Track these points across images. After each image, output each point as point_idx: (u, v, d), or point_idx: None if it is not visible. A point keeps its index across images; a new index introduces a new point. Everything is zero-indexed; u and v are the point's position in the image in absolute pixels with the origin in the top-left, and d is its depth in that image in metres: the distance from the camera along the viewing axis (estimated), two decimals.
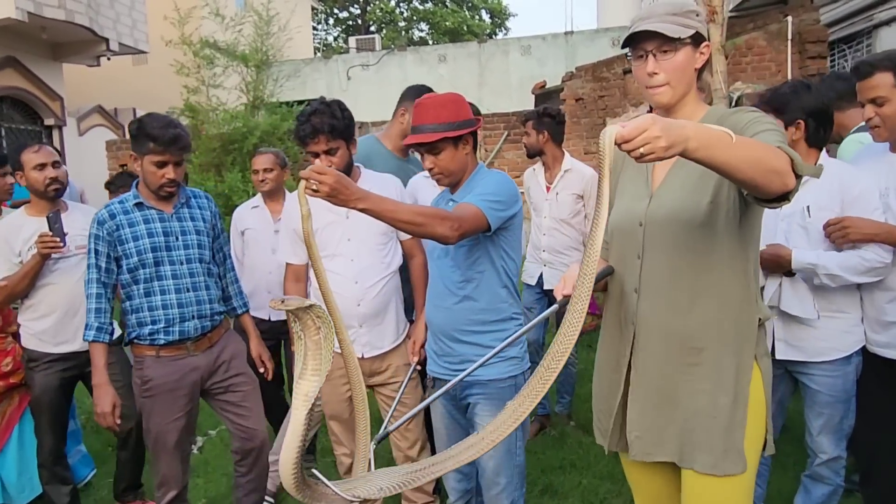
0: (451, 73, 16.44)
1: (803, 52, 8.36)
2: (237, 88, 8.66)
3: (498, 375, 2.19)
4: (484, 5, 30.17)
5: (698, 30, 1.63)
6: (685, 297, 1.63)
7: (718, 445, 1.61)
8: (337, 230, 2.53)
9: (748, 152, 1.31)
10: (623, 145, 1.23)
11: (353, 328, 2.52)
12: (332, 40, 29.71)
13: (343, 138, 2.45)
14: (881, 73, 2.17)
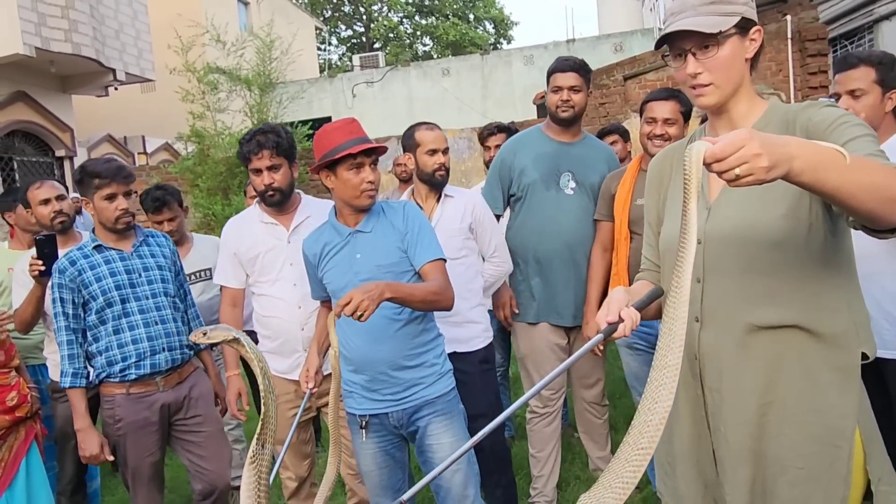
0: (454, 87, 16.55)
1: (804, 51, 8.34)
2: (241, 112, 8.79)
3: (444, 390, 2.20)
4: (486, 16, 30.36)
5: (744, 14, 1.38)
6: (763, 330, 1.39)
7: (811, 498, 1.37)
8: (280, 255, 2.56)
9: (865, 176, 1.09)
10: (714, 165, 1.04)
11: (297, 352, 2.56)
12: (338, 59, 30.01)
13: (286, 157, 2.51)
14: (865, 67, 2.20)
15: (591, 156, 2.90)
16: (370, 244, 2.18)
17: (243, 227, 2.65)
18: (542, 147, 2.90)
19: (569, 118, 2.83)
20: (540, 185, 2.86)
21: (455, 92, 16.29)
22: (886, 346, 2.23)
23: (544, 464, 2.96)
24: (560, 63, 2.86)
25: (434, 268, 2.14)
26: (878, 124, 2.22)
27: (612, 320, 1.35)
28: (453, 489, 2.18)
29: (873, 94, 2.19)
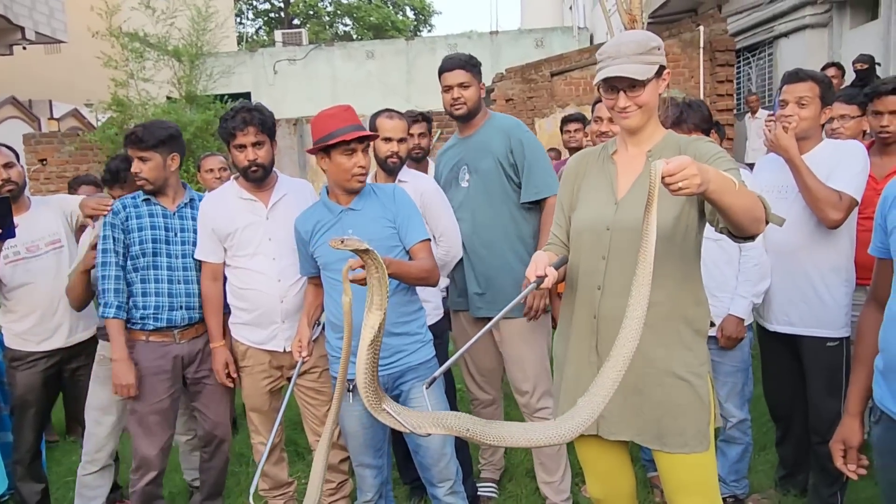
0: (379, 70, 16.56)
1: (713, 60, 9.02)
2: (168, 83, 8.52)
3: (426, 357, 2.41)
4: (408, 2, 30.32)
5: (661, 63, 1.82)
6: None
7: (687, 429, 1.81)
8: (258, 230, 2.66)
9: (744, 200, 1.53)
10: (667, 178, 1.41)
11: (275, 324, 2.67)
12: (254, 32, 29.11)
13: (269, 135, 2.64)
14: (811, 83, 2.59)
15: (485, 140, 2.85)
16: (361, 221, 2.34)
17: (220, 203, 2.72)
18: (453, 147, 3.00)
19: (463, 115, 2.84)
20: (446, 185, 2.95)
21: (379, 76, 16.33)
22: (805, 324, 2.62)
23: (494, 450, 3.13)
24: (445, 62, 2.86)
25: (423, 247, 2.36)
26: (813, 133, 2.61)
27: (541, 274, 1.74)
28: (432, 448, 2.38)
29: (814, 106, 2.58)
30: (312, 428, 2.81)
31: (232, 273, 2.72)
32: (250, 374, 2.75)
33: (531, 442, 1.51)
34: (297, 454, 3.61)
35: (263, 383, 2.74)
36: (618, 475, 2.03)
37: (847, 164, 2.53)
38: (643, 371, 1.82)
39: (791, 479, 2.96)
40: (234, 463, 3.29)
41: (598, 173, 1.96)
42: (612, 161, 1.94)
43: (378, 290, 1.57)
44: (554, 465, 2.91)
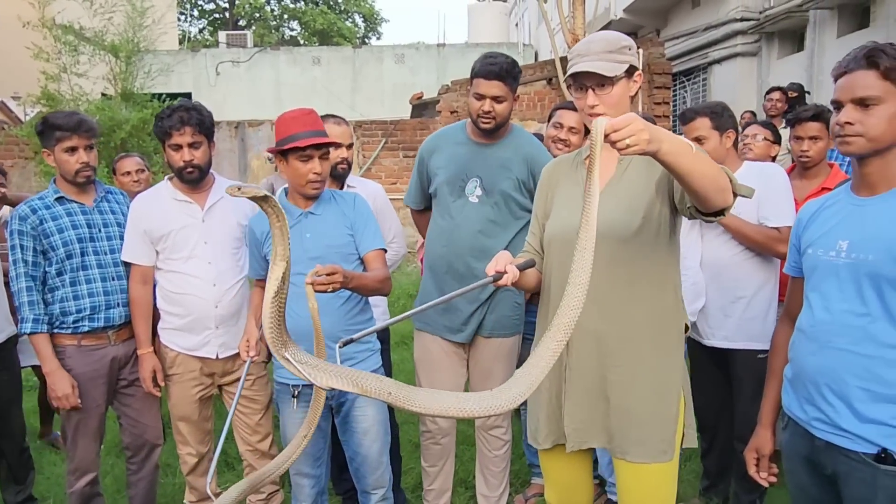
0: (325, 76, 16.44)
1: (651, 83, 9.32)
2: (104, 78, 8.23)
3: (374, 366, 2.42)
4: (357, 9, 30.25)
5: (631, 63, 1.78)
6: (618, 305, 1.77)
7: (652, 438, 1.78)
8: (193, 233, 2.59)
9: (705, 167, 1.45)
10: (612, 134, 1.33)
11: (209, 329, 2.61)
12: (198, 32, 28.47)
13: (206, 135, 2.58)
14: (701, 118, 2.71)
15: (506, 157, 2.59)
16: (320, 226, 2.34)
17: (153, 203, 2.64)
18: (458, 147, 2.67)
19: (489, 130, 2.57)
20: (446, 188, 2.66)
21: (325, 82, 16.21)
22: (738, 338, 2.73)
23: (434, 479, 2.89)
24: (485, 67, 2.50)
25: (378, 256, 2.35)
26: (723, 160, 2.70)
27: (500, 270, 1.68)
28: (370, 456, 2.40)
29: (713, 139, 2.70)
30: (244, 437, 2.74)
31: (164, 276, 2.64)
32: (179, 382, 2.67)
33: (463, 411, 1.37)
34: (227, 464, 3.52)
35: (193, 391, 2.66)
36: (577, 487, 2.03)
37: (775, 195, 2.65)
38: (612, 378, 1.81)
39: (714, 488, 3.06)
40: (160, 474, 3.16)
41: (570, 180, 1.95)
42: (584, 167, 1.92)
43: (281, 241, 1.50)
44: (497, 480, 2.86)
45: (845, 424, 1.55)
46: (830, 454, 1.60)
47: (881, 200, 1.56)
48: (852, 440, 1.55)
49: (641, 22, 13.14)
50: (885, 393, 1.50)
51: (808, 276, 1.71)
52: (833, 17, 8.53)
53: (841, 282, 1.59)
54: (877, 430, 1.51)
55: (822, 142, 2.96)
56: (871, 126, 1.52)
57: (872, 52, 1.52)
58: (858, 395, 1.53)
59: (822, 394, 1.60)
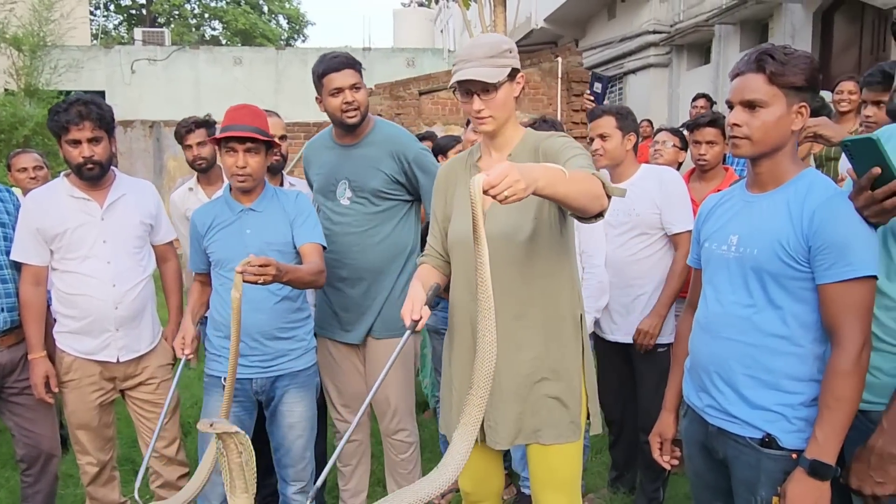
0: (246, 77, 16.07)
1: (570, 89, 9.61)
2: (6, 73, 7.78)
3: (307, 365, 2.44)
4: (281, 11, 29.74)
5: (513, 66, 1.82)
6: (518, 304, 1.84)
7: (563, 420, 1.88)
8: (91, 232, 2.50)
9: (579, 185, 1.53)
10: (490, 191, 1.38)
11: (108, 332, 2.51)
12: (113, 28, 27.29)
13: (107, 130, 2.50)
14: (608, 117, 2.84)
15: (372, 155, 2.56)
16: (260, 222, 2.34)
17: (47, 200, 2.53)
18: (327, 153, 2.67)
19: (357, 122, 2.51)
20: (320, 195, 2.68)
21: (246, 83, 15.84)
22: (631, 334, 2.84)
23: (349, 478, 2.87)
24: (331, 62, 2.48)
25: (315, 249, 2.35)
26: (622, 160, 2.85)
27: (416, 318, 1.74)
28: (293, 450, 2.41)
29: (616, 137, 2.83)
30: (148, 442, 2.65)
31: (59, 277, 2.52)
32: (77, 388, 2.55)
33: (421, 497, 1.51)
34: (135, 472, 3.37)
35: (92, 397, 2.55)
36: (489, 476, 2.09)
37: (674, 203, 2.79)
38: (522, 373, 1.87)
39: (621, 478, 3.18)
40: (60, 485, 3.02)
41: (465, 182, 1.96)
42: (476, 168, 1.95)
43: (239, 473, 1.53)
44: (406, 482, 2.81)
45: (734, 411, 1.63)
46: (721, 439, 1.67)
47: (768, 197, 1.63)
48: (740, 426, 1.62)
49: (561, 31, 13.53)
50: (768, 380, 1.58)
51: (704, 268, 1.79)
52: (736, 31, 9.04)
53: (731, 275, 1.66)
54: (762, 415, 1.59)
55: (718, 146, 3.14)
56: (755, 129, 1.57)
57: (761, 56, 1.56)
58: (745, 383, 1.61)
59: (713, 382, 1.68)
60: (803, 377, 1.57)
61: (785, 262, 1.55)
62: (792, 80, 1.54)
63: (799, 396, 1.57)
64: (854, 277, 1.47)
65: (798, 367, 1.57)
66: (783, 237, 1.55)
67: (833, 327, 1.52)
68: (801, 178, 1.60)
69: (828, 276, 1.50)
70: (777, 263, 1.56)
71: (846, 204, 1.51)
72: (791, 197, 1.58)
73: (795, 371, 1.57)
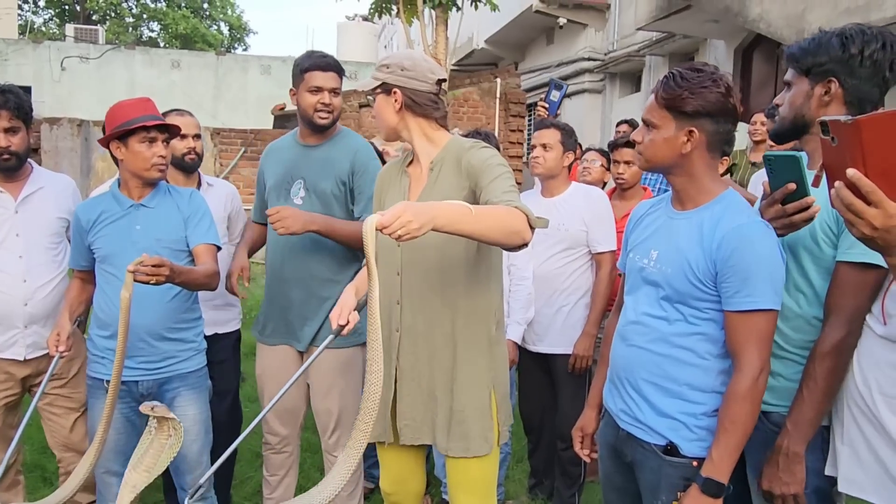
0: (184, 81, 15.76)
1: (508, 110, 9.83)
2: None
3: (197, 367, 2.40)
4: (223, 18, 29.27)
5: (385, 80, 1.90)
6: (435, 310, 1.89)
7: (472, 433, 1.89)
8: (4, 224, 2.44)
9: (489, 221, 1.56)
10: (384, 230, 1.43)
11: (16, 329, 2.44)
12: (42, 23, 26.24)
13: (24, 121, 2.44)
14: (554, 130, 2.97)
15: (331, 157, 2.52)
16: (152, 218, 2.30)
17: None
18: (286, 152, 2.63)
19: (327, 125, 2.49)
20: (273, 193, 2.59)
21: (184, 87, 15.53)
22: (559, 344, 2.94)
23: (274, 488, 2.78)
24: (319, 60, 2.47)
25: (208, 250, 2.32)
26: (557, 174, 2.97)
27: (343, 323, 1.79)
28: (189, 456, 2.34)
29: (557, 150, 2.96)
30: (61, 442, 2.58)
31: None
32: None
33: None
34: (44, 479, 3.25)
35: None
36: (410, 477, 2.12)
37: (600, 222, 2.93)
38: (437, 378, 1.91)
39: (540, 485, 3.27)
40: None
41: (396, 186, 2.03)
42: (406, 174, 2.01)
43: (155, 453, 1.55)
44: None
45: (642, 417, 1.69)
46: (630, 444, 1.73)
47: (685, 217, 1.68)
48: (646, 432, 1.68)
49: (502, 53, 13.84)
50: (672, 389, 1.65)
51: (626, 278, 1.86)
52: (665, 63, 9.47)
53: (647, 287, 1.72)
54: (666, 423, 1.65)
55: (636, 166, 3.31)
56: (646, 147, 1.66)
57: (665, 79, 1.64)
58: (651, 390, 1.67)
59: (625, 388, 1.74)
60: (706, 388, 1.63)
61: (693, 284, 1.60)
62: (679, 104, 1.59)
63: (701, 406, 1.63)
64: (755, 309, 1.52)
65: (702, 378, 1.63)
66: (693, 260, 1.60)
67: (734, 352, 1.57)
68: (718, 202, 1.64)
69: (730, 304, 1.55)
70: (686, 284, 1.61)
71: (756, 232, 1.54)
72: (706, 219, 1.62)
73: (699, 382, 1.63)
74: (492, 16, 10.90)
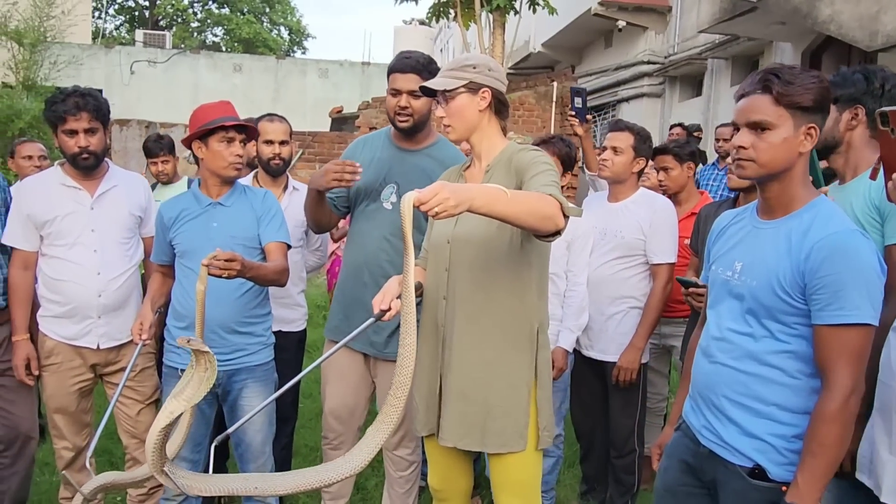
0: (245, 84, 16.19)
1: (564, 114, 9.74)
2: (4, 65, 7.83)
3: (264, 360, 2.48)
4: (283, 22, 29.98)
5: (472, 79, 1.90)
6: (479, 306, 1.92)
7: (507, 429, 1.91)
8: (80, 220, 2.54)
9: (523, 205, 1.59)
10: (421, 207, 1.47)
11: (90, 319, 2.54)
12: (114, 29, 27.42)
13: (102, 122, 2.56)
14: (628, 133, 2.87)
15: (427, 166, 2.46)
16: (227, 216, 2.40)
17: (40, 188, 2.58)
18: (379, 152, 2.54)
19: (407, 128, 2.43)
20: (363, 193, 2.53)
21: (245, 90, 15.94)
22: (611, 352, 2.89)
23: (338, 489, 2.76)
24: (400, 62, 2.40)
25: (279, 248, 2.41)
26: (625, 179, 2.89)
27: (385, 308, 1.83)
28: (253, 445, 2.44)
29: (628, 155, 2.87)
30: (127, 430, 2.69)
31: (46, 262, 2.57)
32: (57, 373, 2.58)
33: (324, 481, 1.63)
34: (111, 463, 3.40)
35: (71, 382, 2.59)
36: (456, 474, 2.13)
37: (661, 232, 2.85)
38: (472, 375, 1.92)
39: (592, 492, 3.22)
40: (36, 472, 3.03)
41: None
42: (462, 177, 2.06)
43: (195, 385, 1.60)
44: (400, 501, 2.70)
45: (727, 436, 1.61)
46: (712, 462, 1.65)
47: (773, 226, 1.59)
48: (731, 452, 1.60)
49: (558, 57, 13.74)
50: (761, 409, 1.56)
51: (710, 290, 1.76)
52: (728, 66, 9.23)
53: (731, 301, 1.64)
54: (753, 444, 1.56)
55: (675, 171, 3.31)
56: (762, 151, 1.52)
57: (767, 77, 1.52)
58: (737, 410, 1.59)
59: (709, 406, 1.66)
60: (797, 409, 1.54)
61: (780, 298, 1.52)
62: (799, 100, 1.49)
63: (792, 428, 1.54)
64: (847, 323, 1.44)
65: (792, 398, 1.54)
66: (780, 272, 1.52)
67: (823, 369, 1.48)
68: (808, 209, 1.55)
69: (820, 318, 1.47)
70: (773, 298, 1.53)
71: (851, 241, 1.47)
72: (794, 228, 1.54)
73: (789, 403, 1.55)
74: (549, 19, 10.83)
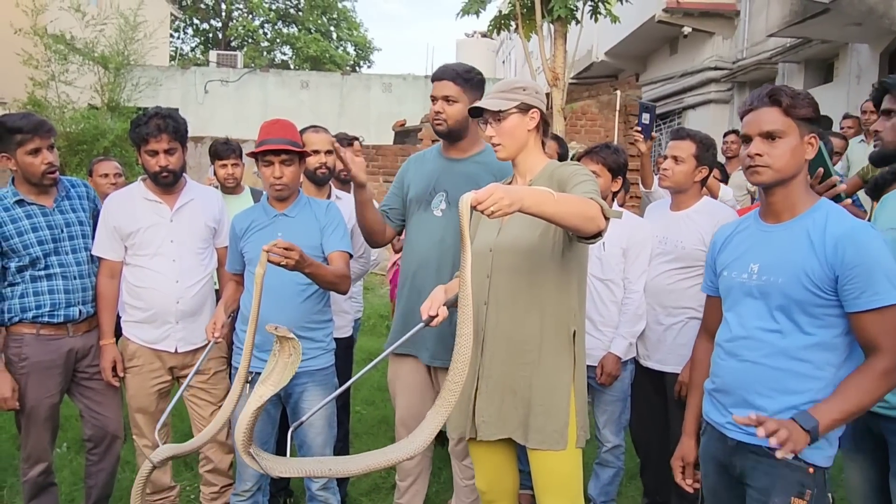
0: (312, 100, 16.64)
1: (627, 123, 9.62)
2: (91, 88, 8.35)
3: (325, 365, 2.58)
4: (349, 38, 30.71)
5: (523, 101, 2.01)
6: (521, 311, 2.01)
7: (547, 427, 1.98)
8: (160, 231, 2.71)
9: (568, 206, 1.71)
10: (478, 206, 1.60)
11: (169, 324, 2.71)
12: (189, 51, 28.76)
13: (181, 142, 2.72)
14: (689, 142, 2.82)
15: (474, 172, 2.54)
16: (292, 227, 2.52)
17: (125, 202, 2.77)
18: (430, 164, 2.67)
19: (442, 132, 2.54)
20: (415, 202, 2.64)
21: (311, 105, 16.41)
22: (669, 363, 2.86)
23: (403, 493, 2.81)
24: (437, 70, 2.56)
25: (341, 256, 2.52)
26: (686, 188, 2.84)
27: (433, 314, 1.91)
28: (313, 446, 2.54)
29: (689, 164, 2.81)
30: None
31: (129, 271, 2.75)
32: (138, 374, 2.76)
33: (391, 460, 1.74)
34: (185, 464, 3.57)
35: (151, 383, 2.76)
36: (502, 474, 2.19)
37: None
38: (514, 374, 2.01)
39: None
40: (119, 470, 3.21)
41: None
42: None
43: (280, 370, 1.70)
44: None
45: None
46: (741, 453, 1.74)
47: (785, 228, 1.74)
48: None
49: (622, 65, 13.57)
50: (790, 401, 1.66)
51: (724, 296, 1.87)
52: (800, 70, 8.93)
53: (754, 300, 1.74)
54: None
55: None
56: (777, 157, 1.69)
57: (774, 91, 1.71)
58: (768, 403, 1.68)
59: (738, 402, 1.74)
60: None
61: (810, 291, 1.63)
62: (804, 112, 1.69)
63: None
64: (883, 306, 1.57)
65: (822, 391, 1.64)
66: (808, 267, 1.64)
67: (869, 346, 1.61)
68: (817, 209, 1.71)
69: (857, 305, 1.59)
70: (803, 292, 1.64)
71: (869, 232, 1.63)
72: (810, 227, 1.68)
73: (818, 395, 1.64)
74: (612, 27, 10.73)
